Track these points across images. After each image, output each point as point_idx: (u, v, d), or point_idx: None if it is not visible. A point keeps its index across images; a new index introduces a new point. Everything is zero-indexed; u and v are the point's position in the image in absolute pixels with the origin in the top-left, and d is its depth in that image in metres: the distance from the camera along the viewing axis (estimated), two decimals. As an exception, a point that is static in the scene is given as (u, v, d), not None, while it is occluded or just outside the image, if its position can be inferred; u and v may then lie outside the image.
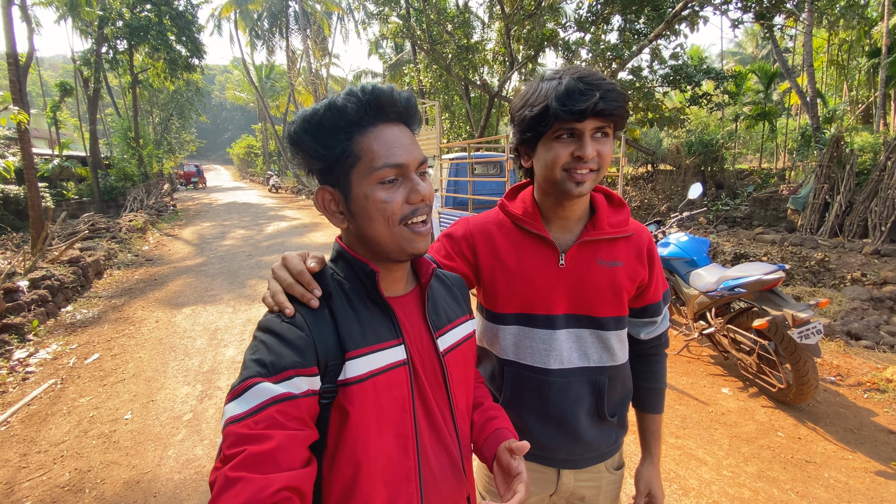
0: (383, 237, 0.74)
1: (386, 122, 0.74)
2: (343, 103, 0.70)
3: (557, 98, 0.89)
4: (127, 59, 18.65)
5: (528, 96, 0.95)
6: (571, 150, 0.92)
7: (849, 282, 6.14)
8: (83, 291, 6.45)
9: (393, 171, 0.72)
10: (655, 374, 1.15)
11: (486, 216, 1.11)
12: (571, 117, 0.89)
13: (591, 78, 0.90)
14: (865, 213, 8.52)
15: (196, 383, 3.71)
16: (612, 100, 0.88)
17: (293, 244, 9.92)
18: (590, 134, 0.91)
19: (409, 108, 0.75)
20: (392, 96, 0.73)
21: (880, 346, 4.14)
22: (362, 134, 0.72)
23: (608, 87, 0.89)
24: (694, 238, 3.83)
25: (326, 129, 0.71)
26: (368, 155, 0.71)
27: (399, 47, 23.71)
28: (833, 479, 2.40)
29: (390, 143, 0.72)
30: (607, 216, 1.04)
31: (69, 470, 2.69)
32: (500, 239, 1.06)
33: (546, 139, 0.95)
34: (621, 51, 11.08)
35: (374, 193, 0.72)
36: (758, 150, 18.90)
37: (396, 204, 0.72)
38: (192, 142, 39.75)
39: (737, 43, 32.79)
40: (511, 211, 1.07)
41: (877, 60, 12.24)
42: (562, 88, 0.90)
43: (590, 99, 0.87)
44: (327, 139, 0.72)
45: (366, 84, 0.73)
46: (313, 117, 0.71)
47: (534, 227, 1.02)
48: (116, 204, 17.28)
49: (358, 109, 0.71)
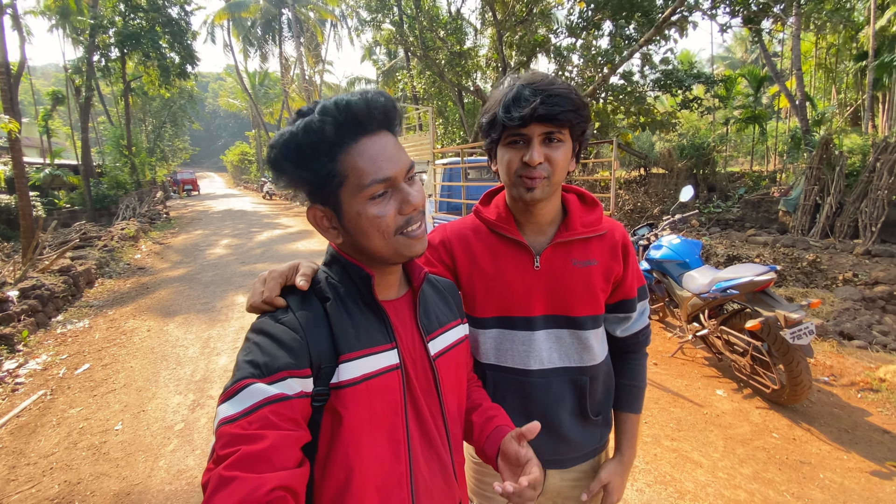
0: (381, 249, 0.74)
1: (367, 134, 0.71)
2: (320, 126, 0.68)
3: (503, 105, 0.93)
4: (119, 67, 18.63)
5: (488, 104, 0.99)
6: (521, 156, 0.94)
7: (840, 282, 6.19)
8: (74, 301, 6.38)
9: (382, 185, 0.71)
10: (632, 372, 1.15)
11: (462, 222, 1.13)
12: (512, 123, 0.91)
13: (539, 84, 0.91)
14: (856, 214, 8.61)
15: (188, 392, 3.67)
16: (554, 104, 0.89)
17: (287, 252, 9.88)
18: (539, 140, 0.92)
19: (387, 113, 0.73)
20: (368, 109, 0.70)
21: (873, 345, 4.17)
22: (345, 152, 0.70)
23: (555, 91, 0.90)
24: (686, 240, 3.85)
25: (307, 153, 0.69)
26: (355, 173, 0.70)
27: (392, 53, 23.84)
28: (828, 480, 2.41)
29: (375, 157, 0.70)
30: (580, 216, 1.05)
31: (58, 482, 2.65)
32: (477, 244, 1.07)
33: (501, 145, 0.98)
34: (612, 56, 11.19)
35: (365, 210, 0.71)
36: (748, 152, 19.11)
37: (390, 217, 0.72)
38: (185, 149, 39.66)
39: (726, 48, 33.25)
40: (485, 216, 1.08)
41: (864, 63, 12.44)
42: (510, 95, 0.92)
43: (529, 105, 0.89)
44: (310, 163, 0.70)
45: (339, 98, 0.69)
46: (291, 142, 0.69)
47: (508, 232, 1.04)
48: (108, 212, 17.18)
49: (336, 130, 0.68)
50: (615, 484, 1.10)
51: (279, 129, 0.73)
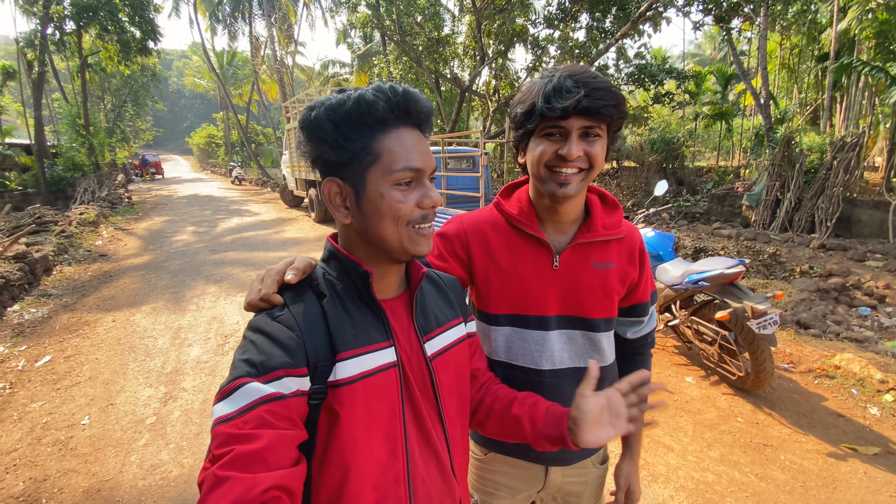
0: (390, 236, 0.74)
1: (408, 125, 0.74)
2: (374, 99, 0.70)
3: (544, 95, 0.89)
4: (75, 41, 17.52)
5: (523, 93, 0.96)
6: (556, 149, 0.91)
7: (798, 274, 6.52)
8: (31, 289, 6.04)
9: (410, 174, 0.73)
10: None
11: (479, 214, 1.09)
12: (554, 114, 0.88)
13: (582, 76, 0.89)
14: (813, 209, 9.07)
15: (159, 385, 3.55)
16: (598, 98, 0.87)
17: (258, 240, 9.63)
18: (577, 133, 0.90)
19: (429, 116, 0.77)
20: (419, 102, 0.74)
21: (826, 334, 4.43)
22: (385, 133, 0.72)
23: (598, 84, 0.88)
24: (660, 234, 3.97)
25: (352, 121, 0.71)
26: (389, 156, 0.71)
27: (368, 37, 23.28)
28: (789, 461, 2.56)
29: (410, 146, 0.73)
30: (601, 218, 1.03)
31: (23, 479, 2.53)
32: (494, 238, 1.04)
33: (535, 136, 0.95)
34: (589, 48, 11.30)
35: (389, 193, 0.72)
36: (715, 148, 19.76)
37: (409, 206, 0.73)
38: (147, 130, 37.82)
39: (697, 45, 34.11)
40: (507, 210, 1.05)
41: (825, 65, 12.99)
42: (550, 86, 0.89)
43: (574, 96, 0.86)
44: (351, 132, 0.71)
45: (395, 85, 0.72)
46: (340, 107, 0.70)
47: (529, 228, 1.01)
48: (65, 195, 16.26)
49: (387, 108, 0.71)
50: (634, 485, 1.13)
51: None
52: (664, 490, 2.36)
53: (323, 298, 0.73)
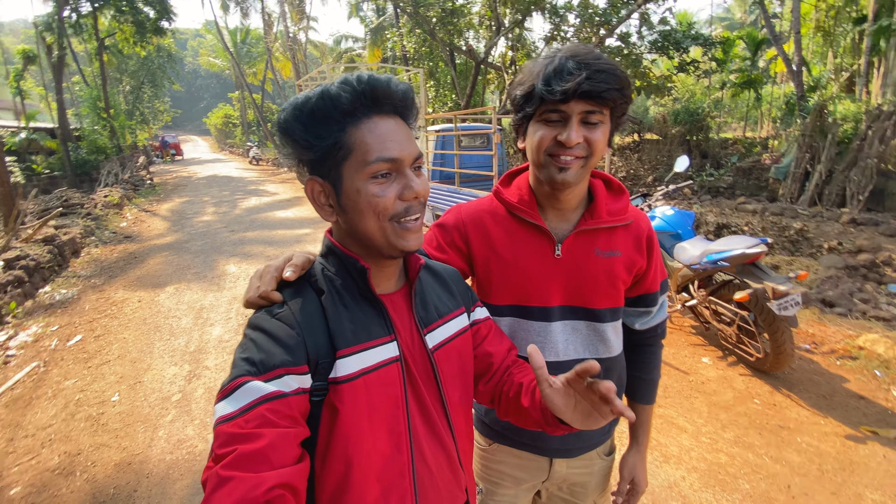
0: (373, 232, 0.72)
1: (381, 114, 0.71)
2: (337, 92, 0.68)
3: (544, 77, 0.85)
4: (91, 23, 17.60)
5: (524, 74, 0.91)
6: (556, 135, 0.87)
7: (826, 251, 6.30)
8: (61, 271, 6.28)
9: (386, 165, 0.70)
10: (649, 365, 1.13)
11: (479, 203, 1.07)
12: (553, 97, 0.84)
13: (584, 57, 0.84)
14: (845, 182, 8.67)
15: (183, 363, 3.69)
16: (601, 81, 0.82)
17: (276, 220, 9.75)
18: (578, 118, 0.86)
19: (405, 100, 0.73)
20: (388, 88, 0.70)
21: (853, 313, 4.29)
22: (356, 125, 0.70)
23: (601, 67, 0.83)
24: (679, 211, 3.86)
25: (318, 118, 0.69)
26: (361, 148, 0.69)
27: (381, 10, 22.77)
28: (805, 444, 2.53)
29: (384, 136, 0.70)
30: (606, 204, 0.99)
31: (58, 454, 2.69)
32: (494, 228, 1.02)
33: (534, 121, 0.91)
34: (610, 16, 10.83)
35: (366, 188, 0.70)
36: (742, 118, 18.95)
37: (388, 199, 0.70)
38: (166, 111, 38.18)
39: (726, 8, 32.34)
40: (506, 198, 1.02)
41: (863, 27, 12.19)
42: (551, 67, 0.85)
43: (575, 79, 0.81)
44: (319, 129, 0.69)
45: (362, 73, 0.70)
46: (304, 105, 0.69)
47: (529, 216, 0.98)
48: (90, 178, 16.65)
49: (352, 99, 0.68)
50: (640, 476, 1.12)
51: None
52: (676, 471, 2.36)
53: (322, 295, 0.73)
